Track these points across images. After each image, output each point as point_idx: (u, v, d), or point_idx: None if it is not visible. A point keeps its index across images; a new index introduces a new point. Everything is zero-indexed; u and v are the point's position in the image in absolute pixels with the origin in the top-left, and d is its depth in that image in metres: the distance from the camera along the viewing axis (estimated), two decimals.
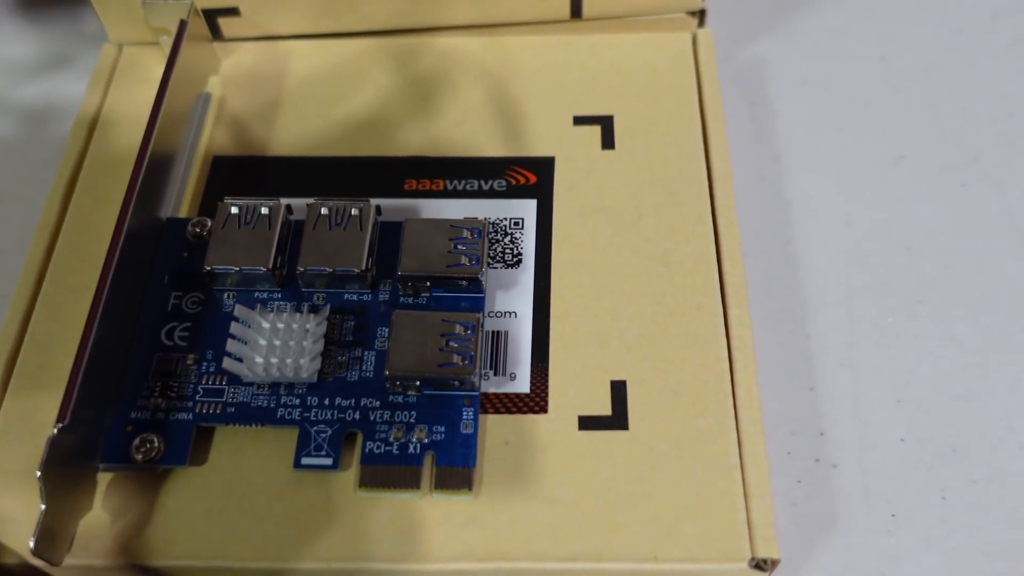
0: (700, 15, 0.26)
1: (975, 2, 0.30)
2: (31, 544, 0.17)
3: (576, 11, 0.26)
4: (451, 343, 0.19)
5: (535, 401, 0.20)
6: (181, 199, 0.23)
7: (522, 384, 0.20)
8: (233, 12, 0.26)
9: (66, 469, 0.17)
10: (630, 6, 0.26)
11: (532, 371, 0.20)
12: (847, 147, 0.27)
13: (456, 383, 0.19)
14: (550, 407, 0.20)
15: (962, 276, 0.24)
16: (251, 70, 0.26)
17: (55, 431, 0.17)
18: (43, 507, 0.17)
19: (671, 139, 0.24)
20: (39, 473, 0.17)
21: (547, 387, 0.20)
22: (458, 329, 0.19)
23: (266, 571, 0.18)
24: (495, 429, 0.19)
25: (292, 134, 0.24)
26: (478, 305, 0.20)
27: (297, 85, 0.25)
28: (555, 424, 0.20)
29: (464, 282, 0.20)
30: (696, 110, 0.24)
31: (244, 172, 0.24)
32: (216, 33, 0.26)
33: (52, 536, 0.17)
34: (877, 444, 0.22)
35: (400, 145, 0.24)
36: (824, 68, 0.29)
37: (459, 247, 0.20)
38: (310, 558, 0.18)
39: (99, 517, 0.19)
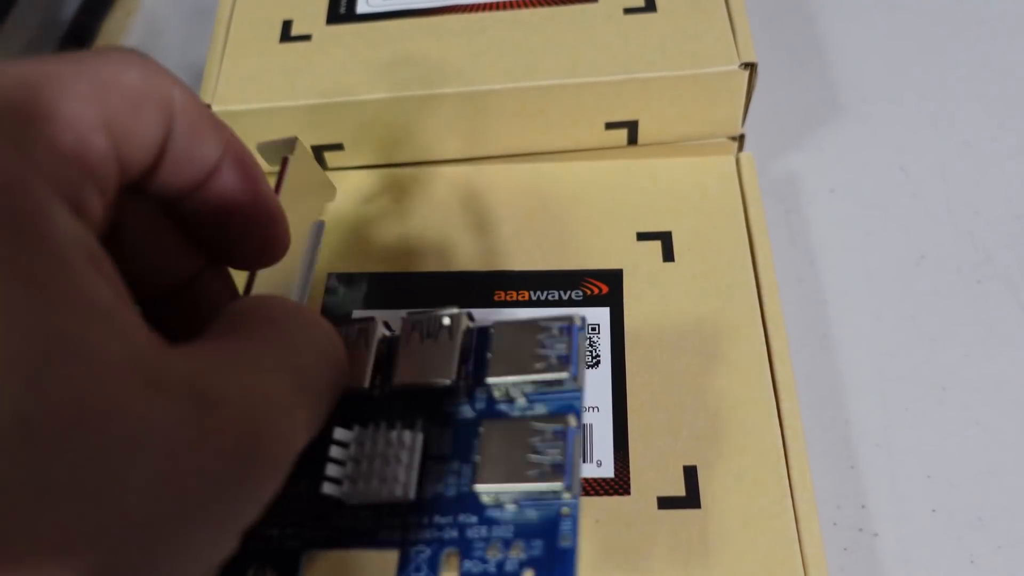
0: (740, 139, 0.30)
1: (983, 114, 0.33)
2: None
3: (632, 139, 0.30)
4: (540, 450, 0.19)
5: (619, 484, 0.23)
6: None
7: (607, 470, 0.23)
8: (338, 147, 0.30)
9: None
10: (679, 134, 0.30)
11: (615, 458, 0.24)
12: (873, 249, 0.31)
13: (551, 495, 0.19)
14: (632, 489, 0.23)
15: (981, 364, 0.28)
16: (353, 195, 0.30)
17: None
18: None
19: (723, 252, 0.27)
20: None
21: (628, 472, 0.23)
22: (546, 436, 0.19)
23: None
24: (587, 509, 0.23)
25: (390, 253, 0.28)
26: (572, 407, 0.19)
27: (390, 208, 0.29)
28: (637, 504, 0.23)
29: (551, 382, 0.20)
30: (743, 225, 0.28)
31: (352, 288, 0.27)
32: (322, 164, 0.30)
33: None
34: (912, 515, 0.25)
35: (490, 260, 0.28)
36: (849, 178, 0.32)
37: (546, 344, 0.20)
38: None
39: None
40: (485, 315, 0.26)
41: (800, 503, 0.23)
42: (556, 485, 0.18)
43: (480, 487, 0.19)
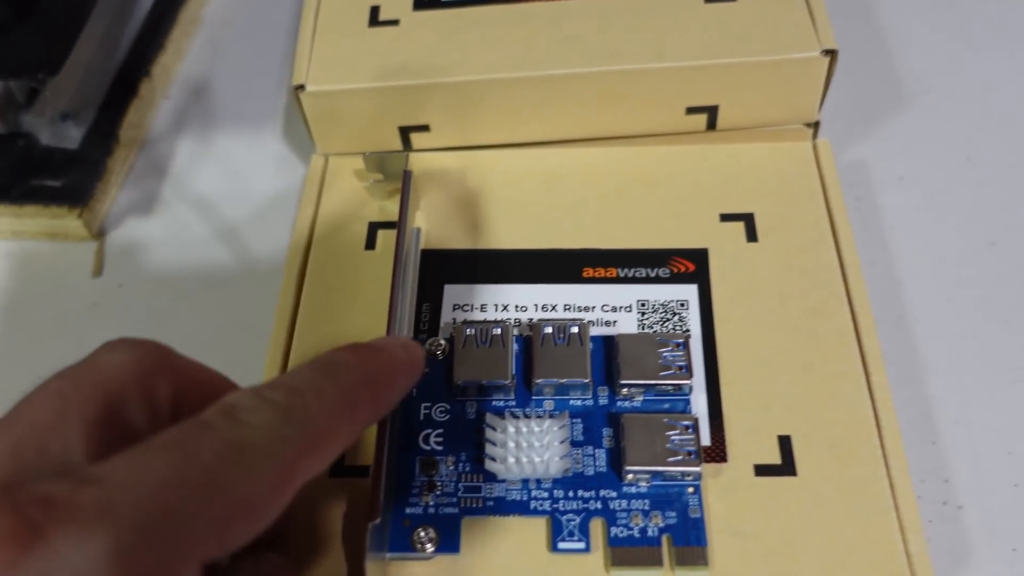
0: (815, 126, 0.31)
1: None
2: None
3: (712, 124, 0.31)
4: (675, 440, 0.23)
5: (716, 452, 0.24)
6: (411, 321, 0.27)
7: (703, 438, 0.24)
8: (424, 128, 0.31)
9: (372, 559, 0.21)
10: (757, 120, 0.30)
11: (711, 428, 0.24)
12: (944, 235, 0.31)
13: (680, 474, 0.23)
14: (729, 457, 0.24)
15: None
16: (441, 175, 0.30)
17: (371, 527, 0.20)
18: None
19: (805, 232, 0.28)
20: (365, 564, 0.20)
21: (724, 441, 0.24)
22: (679, 428, 0.23)
23: None
24: None
25: (484, 231, 0.29)
26: (686, 406, 0.24)
27: (482, 189, 0.30)
28: (735, 471, 0.24)
29: (672, 387, 0.24)
30: (823, 208, 0.29)
31: (448, 265, 0.28)
32: (407, 145, 0.31)
33: None
34: (995, 489, 0.26)
35: (577, 239, 0.28)
36: (916, 166, 0.33)
37: (667, 357, 0.24)
38: None
39: None
40: (576, 291, 0.27)
41: (894, 471, 0.23)
42: (694, 469, 0.23)
43: (629, 468, 0.23)
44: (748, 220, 0.29)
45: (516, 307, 0.27)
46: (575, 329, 0.25)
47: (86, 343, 0.31)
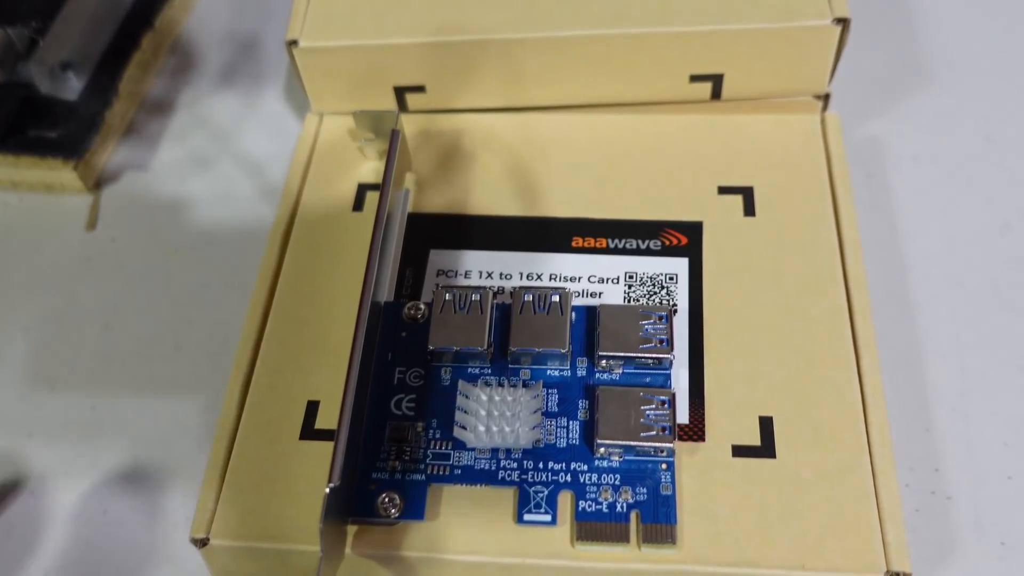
0: (825, 98, 0.30)
1: None
2: None
3: (716, 93, 0.29)
4: (650, 415, 0.22)
5: (694, 430, 0.23)
6: (392, 284, 0.26)
7: (682, 415, 0.23)
8: (419, 89, 0.30)
9: (331, 523, 0.21)
10: (764, 90, 0.29)
11: (690, 405, 0.24)
12: (956, 216, 0.30)
13: (653, 450, 0.22)
14: (707, 436, 0.23)
15: None
16: (434, 138, 0.30)
17: (328, 490, 0.20)
18: (321, 555, 0.20)
19: (806, 209, 0.27)
20: (320, 526, 0.20)
21: (703, 419, 0.23)
22: (655, 403, 0.22)
23: None
24: None
25: (473, 196, 0.28)
26: (666, 381, 0.23)
27: (475, 153, 0.29)
28: (711, 450, 0.23)
29: (652, 361, 0.24)
30: (827, 184, 0.28)
31: (434, 229, 0.28)
32: (402, 106, 0.30)
33: (329, 569, 0.21)
34: (987, 480, 0.25)
35: (569, 207, 0.28)
36: (933, 145, 0.32)
37: (649, 329, 0.24)
38: None
39: (350, 562, 0.22)
40: (563, 261, 0.27)
41: (878, 459, 0.23)
42: (667, 445, 0.22)
43: (601, 441, 0.22)
44: (747, 194, 0.28)
45: (501, 275, 0.26)
46: (556, 298, 0.24)
47: (77, 297, 0.31)
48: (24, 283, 0.31)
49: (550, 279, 0.26)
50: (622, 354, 0.23)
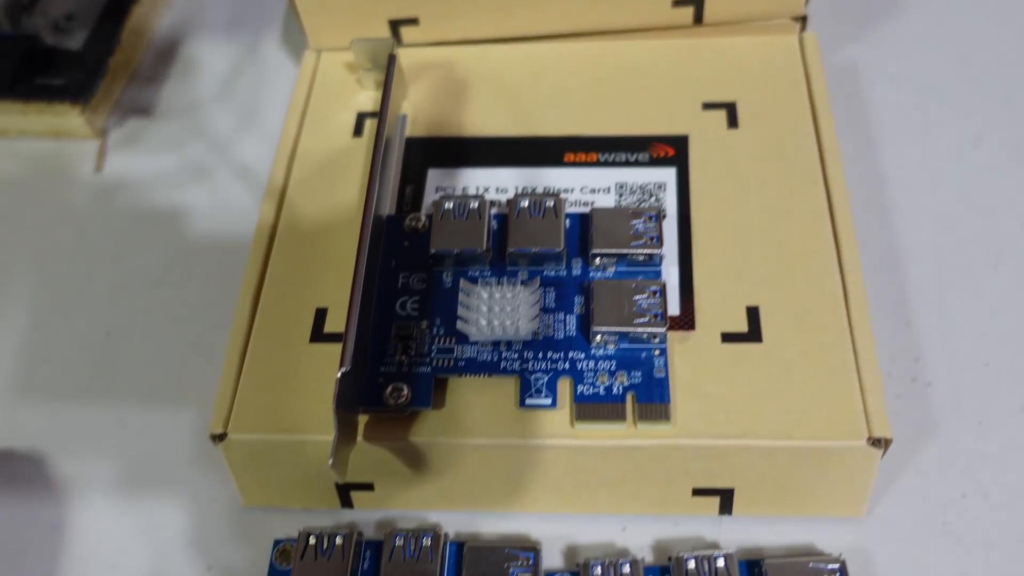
0: (803, 21, 0.31)
1: None
2: (329, 462, 0.21)
3: (698, 18, 0.31)
4: (642, 304, 0.24)
5: (684, 321, 0.25)
6: (394, 201, 0.27)
7: (673, 308, 0.25)
8: (413, 22, 0.31)
9: (343, 409, 0.22)
10: (744, 13, 0.30)
11: (681, 299, 0.25)
12: (932, 131, 0.31)
13: (646, 336, 0.23)
14: (697, 325, 0.24)
15: None
16: (429, 68, 0.31)
17: (339, 374, 0.21)
18: (335, 434, 0.21)
19: (786, 120, 0.28)
20: (333, 407, 0.21)
21: (693, 310, 0.25)
22: (647, 293, 0.24)
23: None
24: None
25: (468, 120, 0.29)
26: (657, 276, 0.25)
27: (468, 81, 0.30)
28: (702, 338, 0.24)
29: (643, 257, 0.25)
30: (806, 98, 0.29)
31: (432, 151, 0.29)
32: (397, 40, 0.32)
33: (340, 458, 0.22)
34: (965, 367, 0.26)
35: (561, 127, 0.29)
36: (908, 67, 0.33)
37: (640, 228, 0.25)
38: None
39: (361, 449, 0.23)
40: (556, 175, 0.28)
41: (859, 340, 0.24)
42: (660, 330, 0.24)
43: (597, 328, 0.24)
44: (730, 108, 0.29)
45: (497, 189, 0.28)
46: (551, 203, 0.25)
47: (88, 235, 0.32)
48: (37, 223, 0.32)
49: (544, 192, 0.27)
50: (615, 251, 0.25)
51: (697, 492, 0.24)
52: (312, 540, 0.24)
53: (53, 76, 0.34)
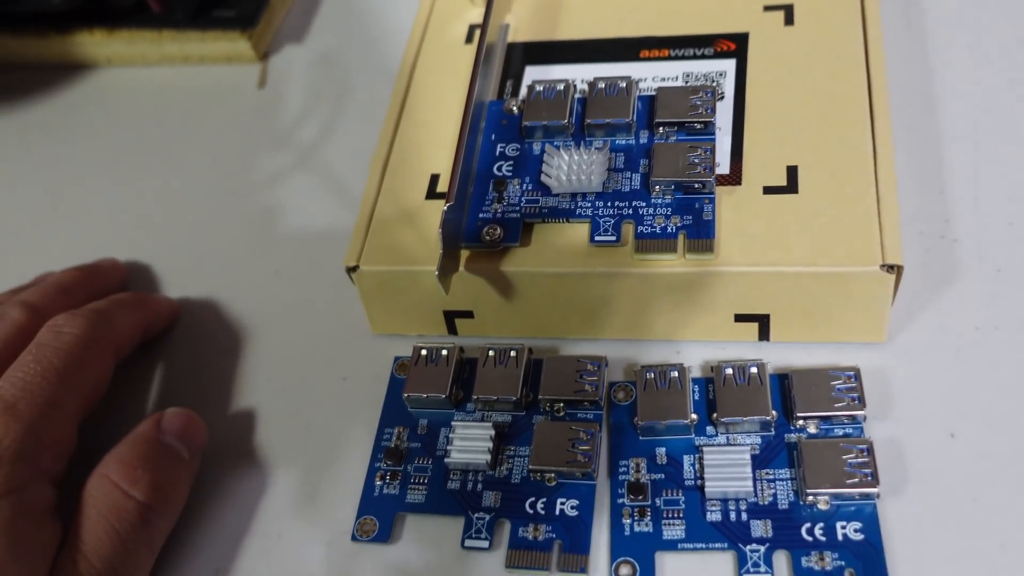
0: None
1: None
2: (436, 271, 0.27)
3: None
4: (694, 159, 0.28)
5: (732, 178, 0.29)
6: (495, 90, 0.33)
7: (723, 169, 0.29)
8: None
9: (448, 238, 0.27)
10: None
11: (731, 162, 0.29)
12: (980, 32, 0.34)
13: (698, 186, 0.28)
14: (743, 181, 0.29)
15: None
16: None
17: (446, 208, 0.27)
18: (441, 251, 0.27)
19: (838, 17, 0.32)
20: (439, 230, 0.27)
21: (741, 170, 0.29)
22: (700, 151, 0.29)
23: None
24: None
25: (560, 28, 0.35)
26: (711, 139, 0.29)
27: None
28: (746, 192, 0.29)
29: (700, 126, 0.30)
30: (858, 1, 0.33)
31: (530, 52, 0.34)
32: None
33: (444, 272, 0.27)
34: (990, 226, 0.30)
35: (638, 29, 0.34)
36: None
37: (696, 102, 0.30)
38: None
39: (462, 277, 0.29)
40: (632, 68, 0.33)
41: (883, 192, 0.28)
42: (708, 179, 0.28)
43: (656, 179, 0.29)
44: (788, 9, 0.33)
45: (582, 80, 0.33)
46: (623, 84, 0.31)
47: (253, 134, 0.39)
48: (212, 127, 0.40)
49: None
50: (675, 119, 0.30)
51: (739, 318, 0.29)
52: (424, 352, 0.30)
53: (226, 8, 0.42)
